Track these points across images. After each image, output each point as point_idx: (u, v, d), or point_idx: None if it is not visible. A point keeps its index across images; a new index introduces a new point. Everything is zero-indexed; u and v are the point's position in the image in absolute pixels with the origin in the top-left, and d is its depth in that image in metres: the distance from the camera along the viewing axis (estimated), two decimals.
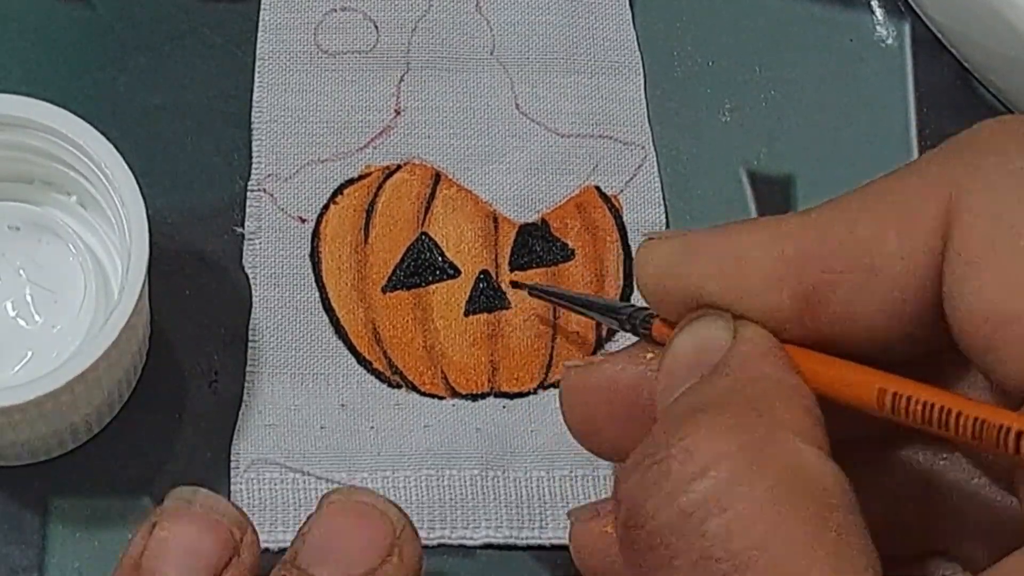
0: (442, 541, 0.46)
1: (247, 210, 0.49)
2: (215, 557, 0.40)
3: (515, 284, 0.48)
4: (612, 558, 0.40)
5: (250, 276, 0.48)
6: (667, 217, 0.50)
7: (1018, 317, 0.32)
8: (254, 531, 0.41)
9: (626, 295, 0.49)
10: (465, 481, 0.46)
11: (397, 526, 0.41)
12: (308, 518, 0.41)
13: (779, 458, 0.32)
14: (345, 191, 0.49)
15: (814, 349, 0.36)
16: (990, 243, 0.33)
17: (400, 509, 0.42)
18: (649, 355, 0.40)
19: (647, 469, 0.33)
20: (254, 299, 0.48)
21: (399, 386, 0.47)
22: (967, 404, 0.32)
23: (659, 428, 0.34)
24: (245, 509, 0.45)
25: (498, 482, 0.46)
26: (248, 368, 0.47)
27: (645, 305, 0.41)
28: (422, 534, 0.45)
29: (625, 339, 0.48)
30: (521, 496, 0.46)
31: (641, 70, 0.52)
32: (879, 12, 0.54)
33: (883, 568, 0.32)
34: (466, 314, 0.48)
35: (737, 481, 0.32)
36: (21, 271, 0.46)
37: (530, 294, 0.48)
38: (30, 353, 0.45)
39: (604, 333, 0.49)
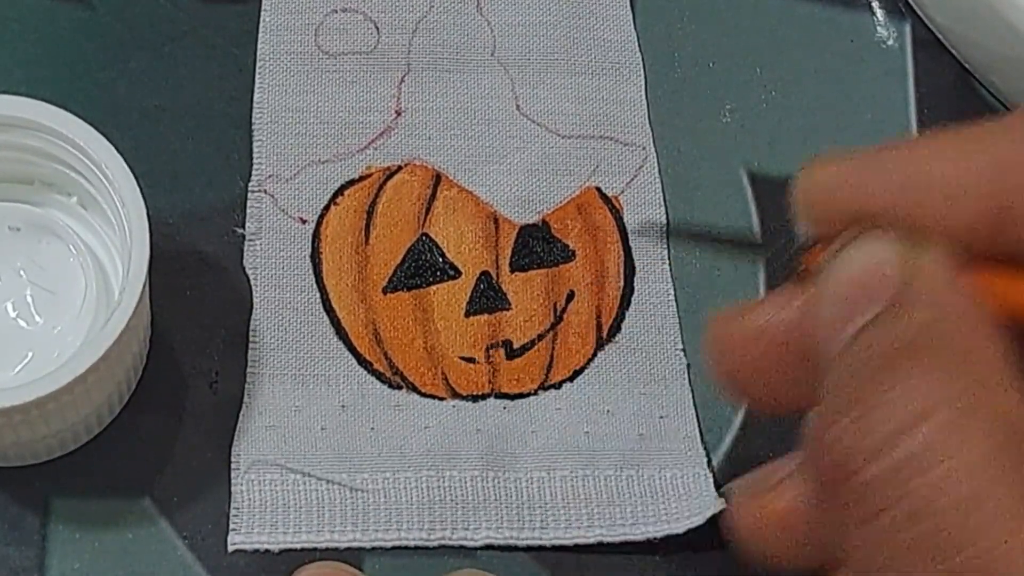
0: (442, 542, 0.46)
1: (248, 211, 0.49)
2: None
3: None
4: (787, 535, 0.38)
5: (251, 277, 0.48)
6: (668, 218, 0.50)
7: None
8: None
9: (627, 296, 0.49)
10: (466, 482, 0.46)
11: None
12: None
13: (995, 408, 0.31)
14: (346, 192, 0.49)
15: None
16: None
17: None
18: (804, 294, 0.37)
19: (857, 414, 0.32)
20: (255, 300, 0.48)
21: (400, 387, 0.47)
22: None
23: (854, 372, 0.33)
24: (245, 511, 0.45)
25: (499, 483, 0.46)
26: (249, 369, 0.47)
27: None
28: (422, 535, 0.45)
29: (627, 334, 0.49)
30: (522, 497, 0.46)
31: (642, 71, 0.52)
32: (879, 13, 0.54)
33: None
34: (467, 315, 0.48)
35: (951, 434, 0.31)
36: (22, 272, 0.46)
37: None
38: (31, 354, 0.45)
39: (605, 333, 0.49)
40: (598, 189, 0.50)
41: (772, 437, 0.47)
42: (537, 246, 0.49)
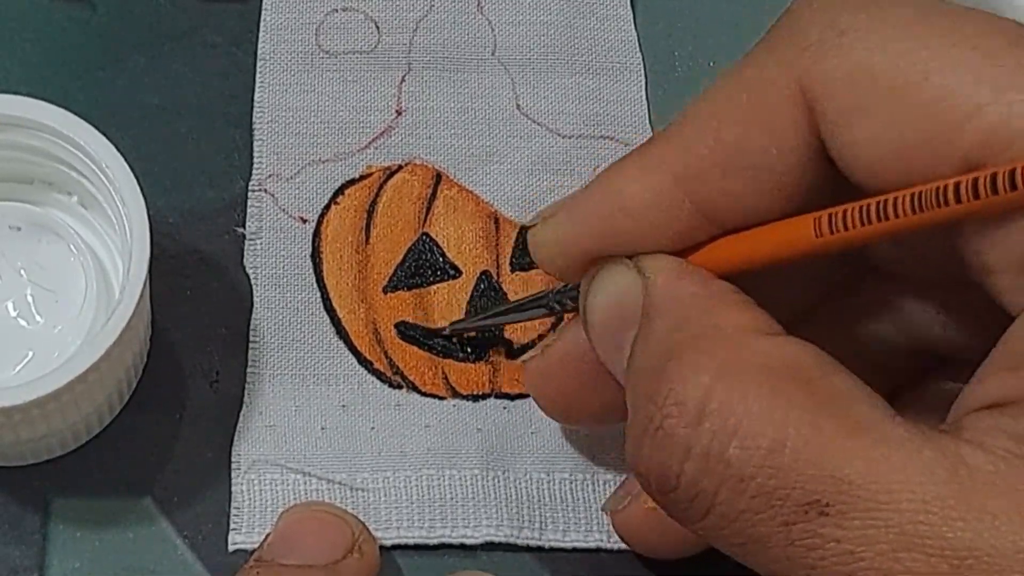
0: (443, 540, 0.46)
1: (248, 210, 0.49)
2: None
3: (448, 333, 0.48)
4: (664, 528, 0.42)
5: (251, 276, 0.48)
6: None
7: (913, 147, 0.34)
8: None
9: None
10: (466, 481, 0.46)
11: (355, 529, 0.44)
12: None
13: (753, 362, 0.34)
14: (346, 191, 0.49)
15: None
16: (856, 95, 0.34)
17: (356, 517, 0.44)
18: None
19: (652, 436, 0.34)
20: (255, 299, 0.48)
21: (400, 386, 0.47)
22: (894, 193, 0.34)
23: (638, 393, 0.35)
24: (246, 510, 0.45)
25: (498, 482, 0.46)
26: (249, 368, 0.47)
27: (562, 286, 0.43)
28: (423, 533, 0.45)
29: None
30: (521, 497, 0.46)
31: (642, 71, 0.52)
32: None
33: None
34: (467, 315, 0.48)
35: (731, 403, 0.33)
36: (22, 271, 0.46)
37: (451, 332, 0.48)
38: (31, 353, 0.45)
39: None
40: None
41: None
42: None
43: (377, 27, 0.51)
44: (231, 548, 0.45)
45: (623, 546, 0.46)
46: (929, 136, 0.33)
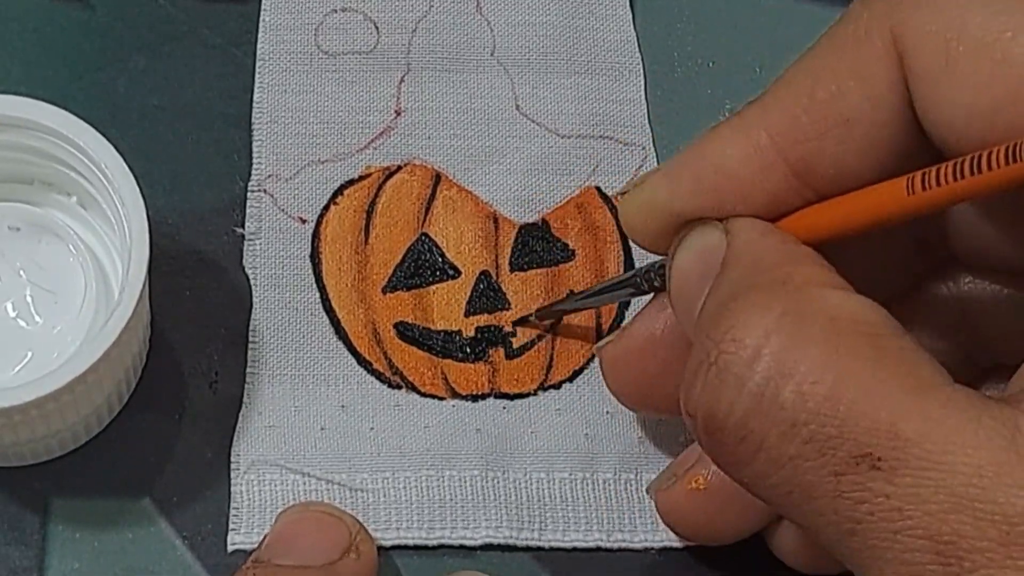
0: (442, 541, 0.46)
1: (247, 211, 0.49)
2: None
3: (518, 323, 0.48)
4: (709, 510, 0.42)
5: (250, 277, 0.48)
6: None
7: (996, 108, 0.33)
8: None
9: None
10: (465, 481, 0.46)
11: (352, 529, 0.44)
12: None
13: (819, 311, 0.34)
14: (345, 192, 0.49)
15: None
16: (945, 54, 0.34)
17: (354, 517, 0.44)
18: (666, 313, 0.41)
19: (706, 373, 0.34)
20: (254, 300, 0.48)
21: (399, 387, 0.47)
22: (987, 149, 0.33)
23: (698, 335, 0.35)
24: (245, 510, 0.45)
25: (498, 483, 0.46)
26: (248, 369, 0.47)
27: (652, 260, 0.42)
28: (422, 534, 0.45)
29: None
30: (521, 497, 0.46)
31: (641, 71, 0.52)
32: None
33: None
34: (466, 315, 0.48)
35: (791, 346, 0.33)
36: (21, 272, 0.46)
37: (537, 318, 0.48)
38: (30, 354, 0.45)
39: (605, 334, 0.49)
40: (598, 188, 0.50)
41: None
42: (537, 245, 0.49)
43: (376, 27, 0.51)
44: (230, 548, 0.45)
45: (623, 545, 0.46)
46: (1016, 96, 0.33)
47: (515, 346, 0.48)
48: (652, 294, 0.43)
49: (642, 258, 0.50)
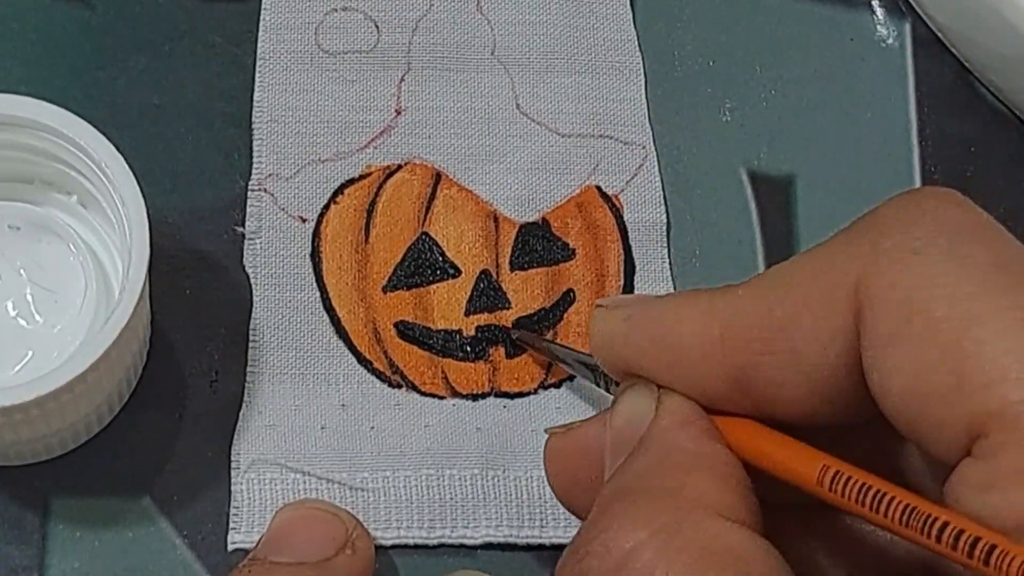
0: (442, 540, 0.46)
1: (248, 210, 0.49)
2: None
3: (516, 339, 0.48)
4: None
5: (251, 276, 0.48)
6: (668, 217, 0.50)
7: (931, 395, 0.32)
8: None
9: (628, 292, 0.49)
10: (465, 480, 0.46)
11: (349, 525, 0.44)
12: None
13: (694, 540, 0.33)
14: (346, 191, 0.49)
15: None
16: (900, 323, 0.33)
17: (351, 514, 0.44)
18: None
19: (574, 565, 0.34)
20: (255, 299, 0.48)
21: (399, 386, 0.47)
22: (900, 492, 0.32)
23: (590, 516, 0.35)
24: (245, 509, 0.45)
25: (498, 482, 0.46)
26: (248, 368, 0.47)
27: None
28: (422, 533, 0.45)
29: None
30: (521, 496, 0.46)
31: (641, 70, 0.52)
32: (879, 12, 0.54)
33: None
34: (467, 314, 0.48)
35: (660, 560, 0.32)
36: (21, 271, 0.46)
37: (517, 342, 0.48)
38: (30, 353, 0.45)
39: None
40: (598, 188, 0.50)
41: None
42: (537, 245, 0.49)
43: (376, 27, 0.51)
44: (230, 547, 0.45)
45: None
46: (949, 387, 0.32)
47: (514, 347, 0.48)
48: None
49: (643, 257, 0.50)
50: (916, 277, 0.33)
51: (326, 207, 0.49)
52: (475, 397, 0.47)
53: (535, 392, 0.48)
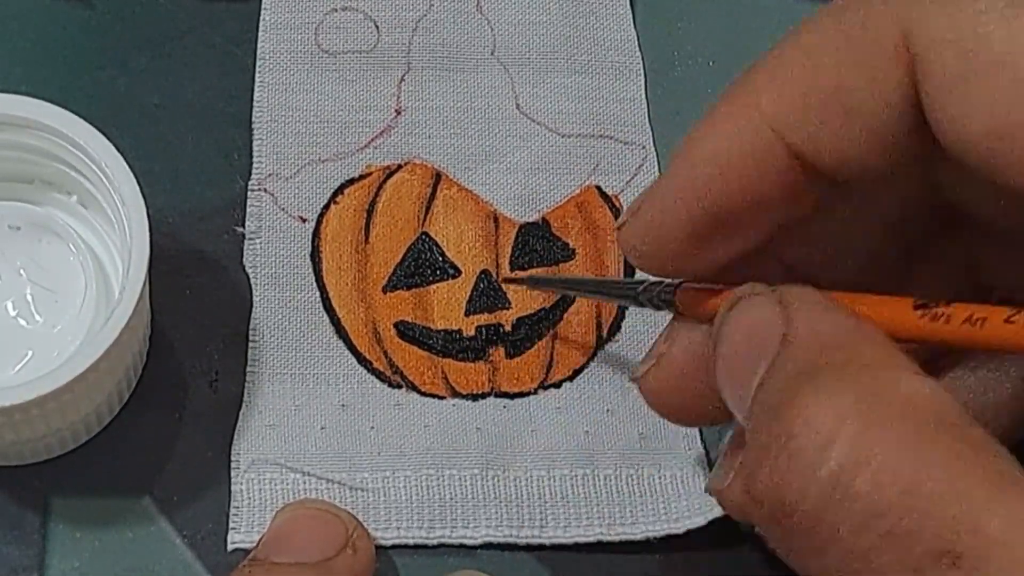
0: (442, 540, 0.46)
1: (248, 210, 0.49)
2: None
3: (508, 280, 0.48)
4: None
5: (251, 276, 0.48)
6: None
7: (1013, 130, 0.32)
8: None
9: None
10: (465, 480, 0.46)
11: (349, 525, 0.44)
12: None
13: (894, 397, 0.32)
14: (346, 191, 0.49)
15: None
16: (962, 65, 0.33)
17: (351, 514, 0.44)
18: (699, 333, 0.40)
19: (775, 458, 0.33)
20: (255, 299, 0.48)
21: (399, 386, 0.47)
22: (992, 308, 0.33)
23: (760, 417, 0.34)
24: (245, 509, 0.45)
25: (498, 482, 0.46)
26: (248, 368, 0.47)
27: (655, 280, 0.41)
28: (422, 533, 0.45)
29: (628, 333, 0.49)
30: (521, 496, 0.46)
31: (642, 70, 0.52)
32: None
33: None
34: (467, 314, 0.48)
35: (867, 433, 0.31)
36: (22, 271, 0.46)
37: (529, 287, 0.48)
38: (30, 353, 0.45)
39: (605, 333, 0.49)
40: (598, 188, 0.50)
41: None
42: (537, 245, 0.49)
43: (376, 27, 0.51)
44: (230, 547, 0.45)
45: (624, 538, 0.46)
46: None
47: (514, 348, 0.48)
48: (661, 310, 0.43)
49: None
50: (964, 16, 0.33)
51: (326, 207, 0.49)
52: (475, 397, 0.47)
53: (535, 392, 0.48)
